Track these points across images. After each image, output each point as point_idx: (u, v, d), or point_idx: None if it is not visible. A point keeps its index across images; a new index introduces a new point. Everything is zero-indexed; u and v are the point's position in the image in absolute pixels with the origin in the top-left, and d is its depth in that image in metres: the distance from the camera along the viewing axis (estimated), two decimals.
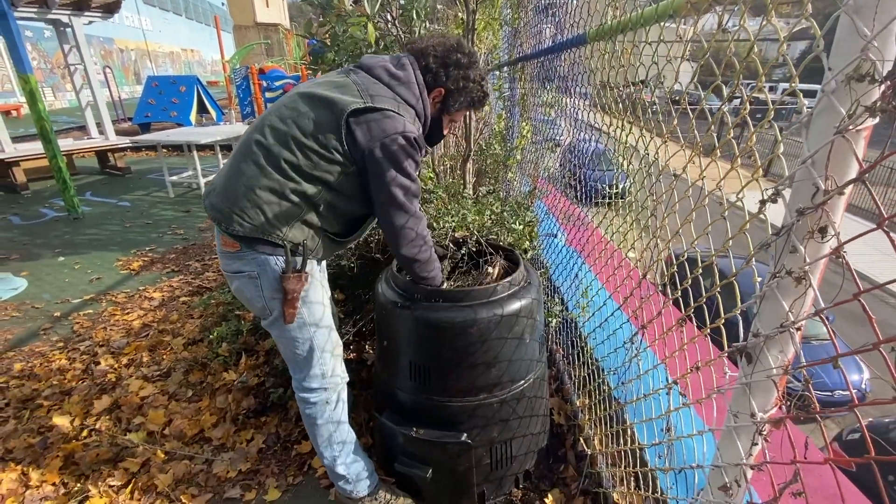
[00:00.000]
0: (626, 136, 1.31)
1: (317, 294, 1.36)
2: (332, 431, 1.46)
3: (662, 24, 1.06)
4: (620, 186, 1.65)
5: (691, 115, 1.00)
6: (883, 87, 0.48)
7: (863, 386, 5.43)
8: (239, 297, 1.37)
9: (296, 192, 1.20)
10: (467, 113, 1.44)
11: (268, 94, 8.95)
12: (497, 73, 3.82)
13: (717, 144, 0.87)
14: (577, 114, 1.97)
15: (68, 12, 5.95)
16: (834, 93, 0.55)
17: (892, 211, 0.64)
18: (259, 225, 1.21)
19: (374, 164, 1.19)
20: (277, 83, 8.99)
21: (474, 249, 1.80)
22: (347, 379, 1.51)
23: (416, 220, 1.29)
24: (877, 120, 0.51)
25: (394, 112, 1.19)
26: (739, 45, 0.88)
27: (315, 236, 1.29)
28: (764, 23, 0.72)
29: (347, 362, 2.10)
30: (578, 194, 2.09)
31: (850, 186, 0.56)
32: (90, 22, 6.37)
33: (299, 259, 1.27)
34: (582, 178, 2.09)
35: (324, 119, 1.18)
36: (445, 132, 1.44)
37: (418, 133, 1.24)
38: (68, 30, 6.14)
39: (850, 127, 0.53)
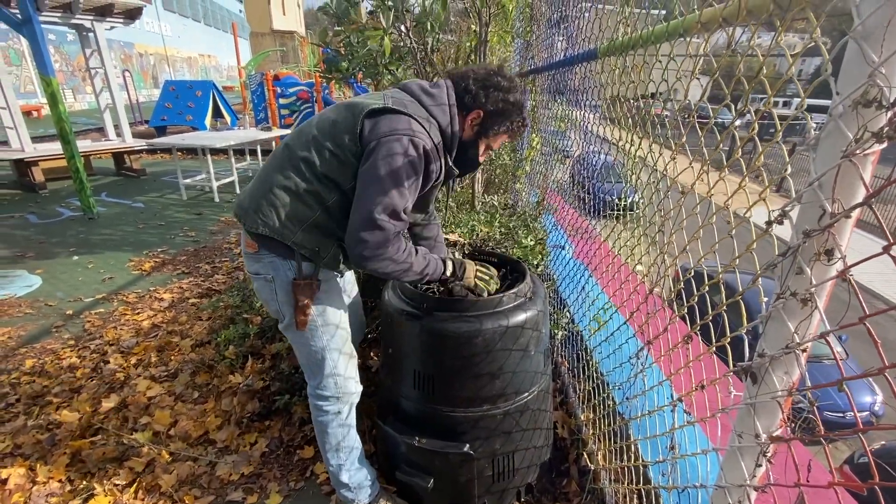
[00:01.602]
0: (636, 150, 1.31)
1: (333, 303, 1.37)
2: (340, 440, 1.46)
3: (673, 42, 1.07)
4: (629, 200, 1.65)
5: (700, 132, 1.01)
6: (890, 113, 0.49)
7: (876, 408, 5.31)
8: (258, 297, 1.41)
9: (309, 192, 1.21)
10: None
11: (281, 101, 9.08)
12: None
13: (725, 163, 0.88)
14: (587, 126, 1.98)
15: (91, 17, 6.10)
16: (841, 117, 0.55)
17: None
18: (273, 225, 1.22)
19: (368, 158, 1.14)
20: (291, 90, 9.12)
21: (466, 252, 1.81)
22: (361, 389, 1.51)
23: (384, 239, 1.16)
24: (884, 145, 0.51)
25: (408, 115, 1.17)
26: (753, 61, 0.88)
27: (328, 244, 1.27)
28: (775, 41, 0.72)
29: None
30: (587, 206, 2.09)
31: (858, 210, 0.56)
32: (112, 27, 6.54)
33: (311, 266, 1.28)
34: (591, 190, 2.09)
35: (343, 119, 1.20)
36: (482, 159, 1.37)
37: (433, 145, 1.20)
38: (91, 34, 6.30)
39: (858, 151, 0.53)
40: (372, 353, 2.31)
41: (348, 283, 1.61)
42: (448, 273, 1.37)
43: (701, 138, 0.98)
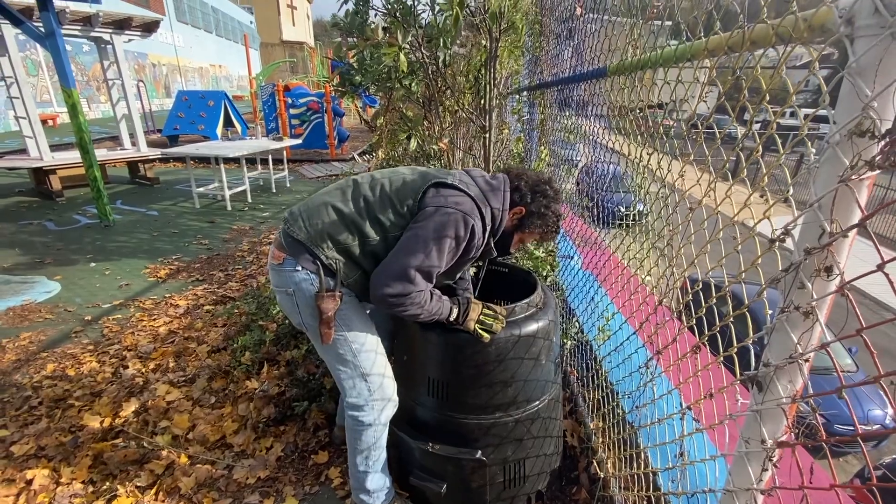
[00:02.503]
0: (644, 160, 1.36)
1: (357, 312, 1.41)
2: (370, 448, 1.50)
3: (681, 65, 1.12)
4: (636, 210, 1.69)
5: (705, 147, 1.05)
6: (882, 143, 0.54)
7: (887, 422, 5.26)
8: (282, 310, 1.46)
9: (355, 224, 1.31)
10: (489, 144, 1.56)
11: (292, 111, 9.24)
12: (517, 96, 3.93)
13: (731, 181, 0.92)
14: (594, 135, 2.03)
15: (110, 31, 6.29)
16: (838, 145, 0.60)
17: None
18: (312, 233, 1.32)
19: (422, 219, 1.27)
20: (301, 100, 9.28)
21: (479, 264, 1.86)
22: (397, 402, 1.53)
23: (409, 292, 1.26)
24: (877, 173, 0.56)
25: (470, 197, 1.30)
26: (763, 73, 0.92)
27: (353, 269, 1.35)
28: (784, 54, 0.78)
29: None
30: (595, 217, 2.13)
31: (854, 230, 0.60)
32: (130, 40, 6.72)
33: (332, 280, 1.34)
34: (598, 200, 2.13)
35: (413, 182, 1.35)
36: (512, 250, 1.51)
37: (482, 227, 1.32)
38: (109, 47, 6.48)
39: (853, 177, 0.58)
40: None
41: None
42: (451, 318, 1.40)
43: (704, 148, 1.02)
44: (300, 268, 1.32)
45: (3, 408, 2.19)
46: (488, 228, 1.36)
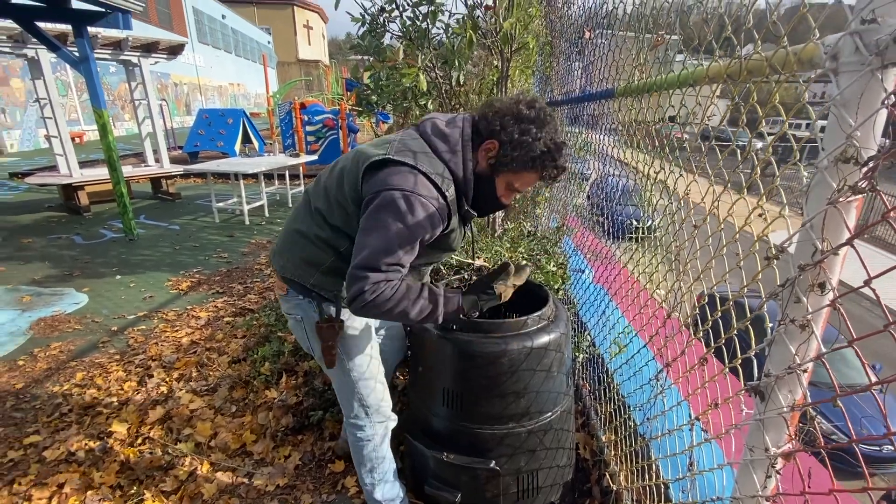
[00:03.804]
0: (653, 173, 1.40)
1: (359, 339, 1.40)
2: (374, 462, 1.55)
3: (684, 90, 1.18)
4: (648, 223, 1.72)
5: (718, 152, 1.10)
6: (864, 169, 0.58)
7: None
8: (294, 335, 1.49)
9: (319, 237, 1.25)
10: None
11: (308, 128, 9.48)
12: None
13: (740, 193, 0.97)
14: (604, 149, 2.08)
15: (138, 54, 6.58)
16: (826, 170, 0.65)
17: None
18: (292, 268, 1.30)
19: (366, 209, 1.12)
20: (317, 118, 9.53)
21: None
22: (395, 419, 1.58)
23: (362, 290, 1.08)
24: (861, 196, 0.60)
25: (412, 169, 1.10)
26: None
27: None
28: (770, 100, 0.83)
29: None
30: (606, 230, 2.17)
31: (845, 248, 0.65)
32: (156, 62, 7.02)
33: (332, 308, 1.33)
34: (609, 214, 2.17)
35: (349, 171, 1.19)
36: (505, 200, 1.25)
37: (441, 203, 1.13)
38: (136, 69, 6.78)
39: (841, 199, 0.63)
40: (398, 374, 2.40)
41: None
42: (470, 309, 1.27)
43: (717, 155, 1.07)
44: (301, 297, 1.33)
45: (35, 414, 2.29)
46: (448, 193, 1.13)
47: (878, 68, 0.58)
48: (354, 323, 1.38)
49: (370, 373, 1.45)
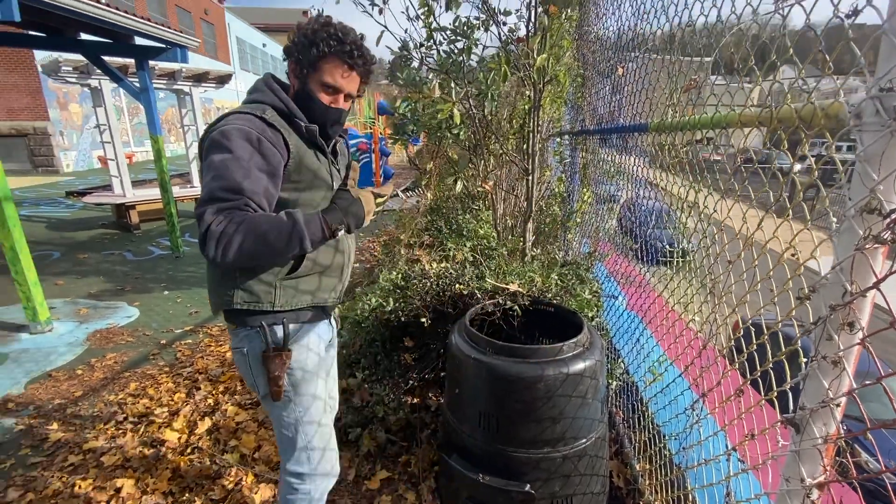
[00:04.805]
0: (688, 197, 1.42)
1: (308, 373, 1.28)
2: None
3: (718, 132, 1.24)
4: (681, 247, 1.73)
5: (763, 174, 1.15)
6: (886, 221, 0.64)
7: None
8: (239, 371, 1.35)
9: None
10: (532, 185, 1.21)
11: None
12: (558, 139, 4.11)
13: (782, 217, 1.02)
14: (636, 172, 2.11)
15: (189, 84, 7.08)
16: (853, 218, 0.71)
17: None
18: (216, 300, 1.21)
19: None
20: (352, 142, 9.89)
21: (526, 303, 1.96)
22: (338, 472, 1.45)
23: (203, 224, 1.01)
24: (885, 245, 0.66)
25: (232, 114, 1.13)
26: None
27: (266, 289, 1.18)
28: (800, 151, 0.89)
29: (412, 406, 2.28)
30: (638, 254, 2.19)
31: (873, 290, 0.70)
32: (205, 91, 7.51)
33: (280, 332, 1.21)
34: (640, 237, 2.19)
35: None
36: (329, 103, 1.20)
37: (248, 119, 1.10)
38: (187, 97, 7.28)
39: (867, 246, 0.68)
40: (431, 394, 2.47)
41: (323, 350, 1.39)
42: (335, 228, 1.14)
43: (762, 177, 1.12)
44: (244, 327, 1.22)
45: (93, 421, 2.46)
46: (265, 115, 1.12)
47: None
48: (304, 351, 1.27)
49: (317, 414, 1.31)
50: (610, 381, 2.15)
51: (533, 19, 2.76)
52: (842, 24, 0.71)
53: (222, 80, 7.50)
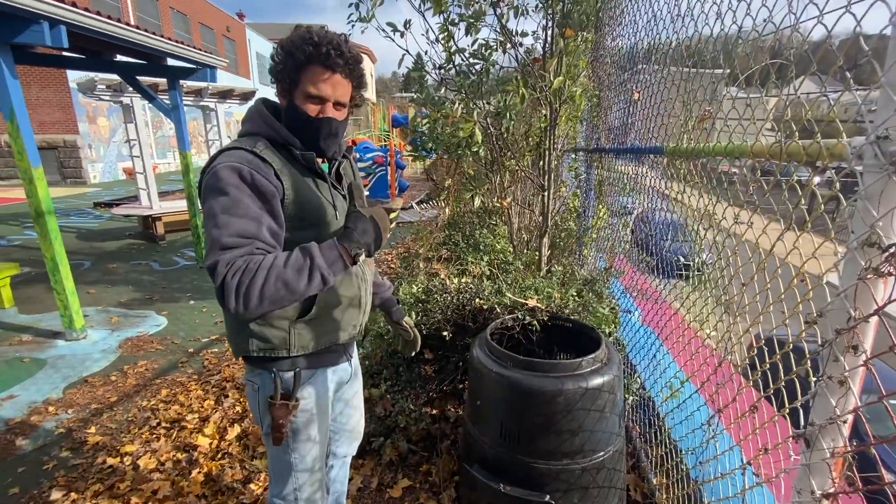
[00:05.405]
0: (704, 209, 1.48)
1: (310, 424, 1.27)
2: None
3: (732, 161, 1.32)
4: (697, 260, 1.77)
5: (786, 190, 1.22)
6: (885, 255, 0.71)
7: None
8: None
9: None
10: (549, 201, 1.17)
11: (359, 165, 10.06)
12: (573, 155, 4.19)
13: (802, 230, 1.08)
14: (650, 184, 2.16)
15: (215, 100, 7.36)
16: (856, 250, 0.77)
17: None
18: (235, 346, 1.21)
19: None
20: (368, 155, 10.10)
21: (545, 319, 2.03)
22: None
23: (216, 273, 0.96)
24: (886, 277, 0.72)
25: (222, 152, 1.09)
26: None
27: (276, 331, 1.17)
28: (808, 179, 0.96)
29: (432, 417, 2.35)
30: (652, 267, 2.23)
31: (875, 317, 0.76)
32: (230, 106, 7.79)
33: (290, 377, 1.20)
34: (654, 250, 2.23)
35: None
36: (316, 113, 1.12)
37: (239, 154, 1.06)
38: (212, 112, 7.55)
39: (869, 276, 0.75)
40: (450, 406, 2.54)
41: (351, 390, 1.45)
42: (354, 253, 1.06)
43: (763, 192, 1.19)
44: (260, 369, 1.23)
45: (128, 426, 2.58)
46: (256, 148, 1.08)
47: (894, 173, 0.71)
48: (311, 402, 1.26)
49: (311, 461, 1.31)
50: (627, 396, 2.19)
51: (549, 40, 2.86)
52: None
53: (245, 96, 7.77)
